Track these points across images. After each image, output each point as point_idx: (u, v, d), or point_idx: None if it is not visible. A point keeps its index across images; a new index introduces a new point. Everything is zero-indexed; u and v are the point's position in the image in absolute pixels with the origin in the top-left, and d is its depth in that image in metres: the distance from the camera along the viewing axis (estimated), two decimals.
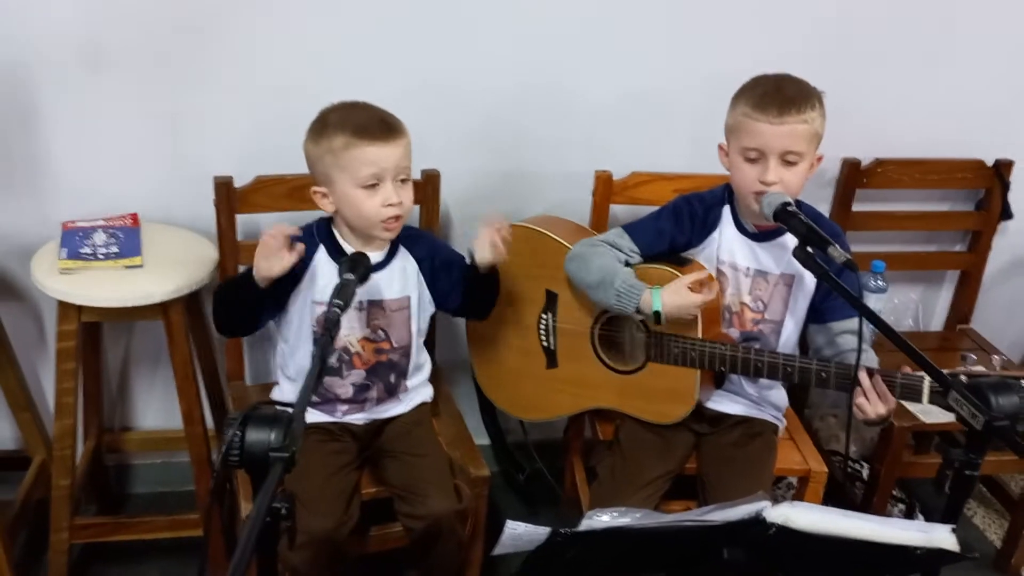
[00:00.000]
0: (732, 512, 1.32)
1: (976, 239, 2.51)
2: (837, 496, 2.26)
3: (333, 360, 1.87)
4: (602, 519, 1.31)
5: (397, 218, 1.80)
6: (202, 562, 2.09)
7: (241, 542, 1.04)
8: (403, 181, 1.79)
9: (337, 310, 1.51)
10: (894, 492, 2.51)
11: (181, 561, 2.28)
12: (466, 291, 1.94)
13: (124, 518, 2.27)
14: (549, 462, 2.49)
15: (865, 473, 2.51)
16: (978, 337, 2.55)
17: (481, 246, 1.85)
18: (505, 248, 1.85)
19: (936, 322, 2.66)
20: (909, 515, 2.51)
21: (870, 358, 1.81)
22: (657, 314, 1.80)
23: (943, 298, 2.65)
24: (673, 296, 1.80)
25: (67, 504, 2.07)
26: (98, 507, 2.41)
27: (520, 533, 1.28)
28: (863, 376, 1.68)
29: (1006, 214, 2.46)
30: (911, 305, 2.63)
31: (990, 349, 2.49)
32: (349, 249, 1.86)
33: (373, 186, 1.76)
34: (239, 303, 1.82)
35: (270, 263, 1.71)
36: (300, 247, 1.74)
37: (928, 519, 2.54)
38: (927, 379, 1.63)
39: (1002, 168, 2.41)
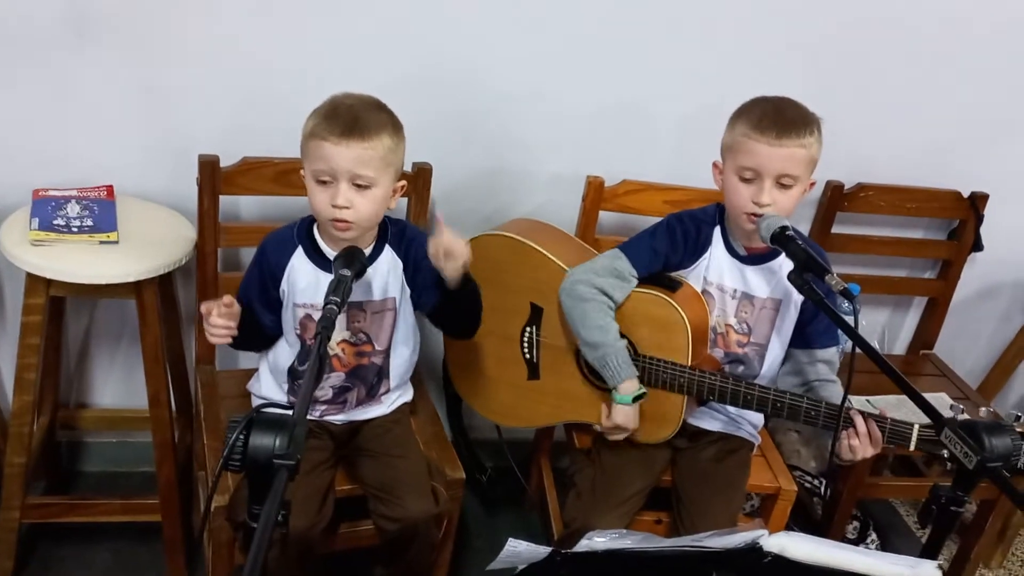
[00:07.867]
0: (729, 539, 1.32)
1: (946, 268, 2.56)
2: (796, 511, 2.31)
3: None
4: (601, 540, 1.30)
5: (346, 223, 1.68)
6: None
7: (252, 553, 1.01)
8: (360, 187, 1.67)
9: (334, 307, 1.46)
10: None
11: (133, 543, 2.22)
12: (441, 304, 1.80)
13: (78, 498, 2.19)
14: (516, 461, 2.47)
15: (823, 489, 2.55)
16: (940, 363, 2.61)
17: (437, 263, 1.69)
18: (459, 251, 1.67)
19: (900, 346, 2.72)
20: (863, 532, 2.56)
21: (839, 393, 1.82)
22: (623, 399, 1.85)
23: (909, 323, 2.70)
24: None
25: (21, 482, 1.99)
26: (47, 483, 2.33)
27: (520, 551, 1.26)
28: (859, 420, 1.71)
29: (977, 246, 2.51)
30: (877, 328, 2.68)
31: (952, 375, 2.55)
32: (327, 249, 1.79)
33: (325, 182, 1.67)
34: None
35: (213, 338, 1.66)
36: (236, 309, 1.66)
37: (880, 536, 2.60)
38: (916, 427, 1.67)
39: (977, 200, 2.45)
